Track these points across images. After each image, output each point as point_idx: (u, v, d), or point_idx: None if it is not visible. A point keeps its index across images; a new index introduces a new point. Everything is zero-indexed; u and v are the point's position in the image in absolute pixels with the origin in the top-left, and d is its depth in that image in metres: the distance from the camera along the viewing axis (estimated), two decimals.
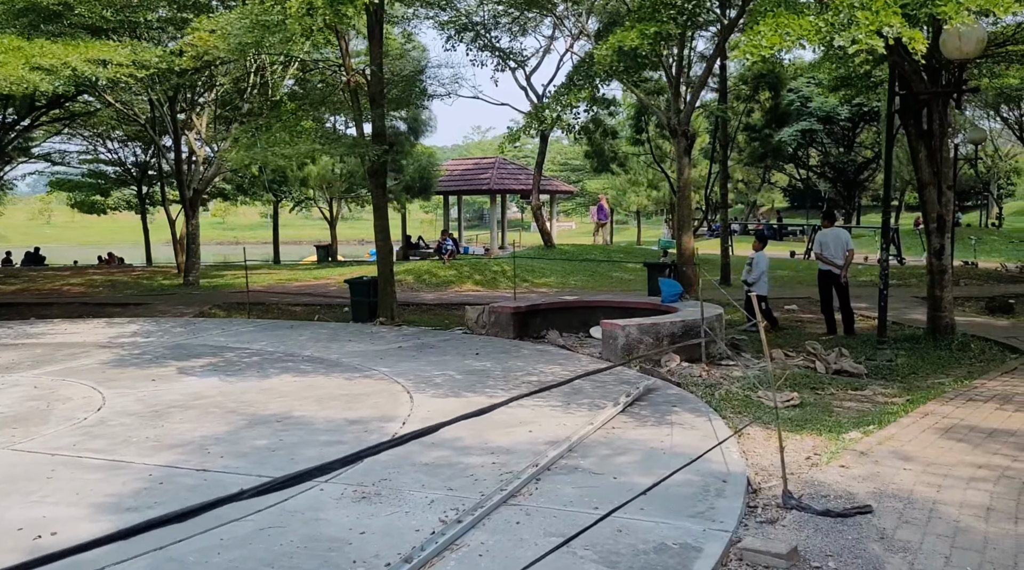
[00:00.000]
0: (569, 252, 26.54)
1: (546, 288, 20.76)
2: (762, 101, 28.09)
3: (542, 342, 10.33)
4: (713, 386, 7.87)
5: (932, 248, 11.24)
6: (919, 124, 11.12)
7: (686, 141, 16.81)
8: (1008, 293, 17.97)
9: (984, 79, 22.24)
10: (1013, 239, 31.35)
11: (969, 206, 50.71)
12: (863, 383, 8.67)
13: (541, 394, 7.19)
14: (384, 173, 14.48)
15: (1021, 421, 6.38)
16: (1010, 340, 11.15)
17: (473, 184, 33.54)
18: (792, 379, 8.49)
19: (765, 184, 43.43)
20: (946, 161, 11.01)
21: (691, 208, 17.22)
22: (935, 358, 10.24)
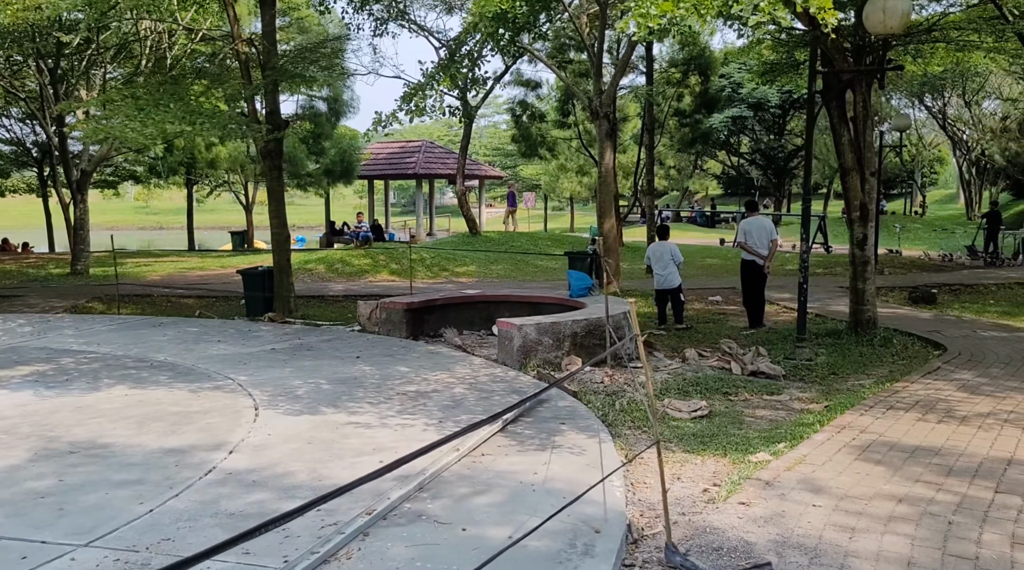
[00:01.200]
0: (495, 239, 25.60)
1: (466, 277, 19.79)
2: (692, 86, 27.58)
3: (438, 341, 9.38)
4: (616, 394, 7.03)
5: (854, 238, 10.66)
6: (842, 107, 10.48)
7: (608, 124, 16.01)
8: (931, 283, 17.77)
9: (908, 59, 22.05)
10: (936, 227, 31.71)
11: (894, 194, 51.65)
12: (780, 386, 7.97)
13: (412, 410, 6.23)
14: (279, 155, 13.26)
15: (944, 436, 5.70)
16: (932, 335, 10.67)
17: (399, 168, 32.27)
18: (704, 383, 7.73)
19: (697, 171, 43.27)
20: (869, 146, 10.41)
21: (613, 194, 16.44)
22: (857, 355, 9.65)
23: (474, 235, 25.76)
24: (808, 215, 9.26)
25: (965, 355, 9.16)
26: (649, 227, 20.90)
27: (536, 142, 27.90)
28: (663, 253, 12.28)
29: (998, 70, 28.50)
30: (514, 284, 18.30)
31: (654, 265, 12.28)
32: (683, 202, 48.66)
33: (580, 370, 7.25)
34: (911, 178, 46.26)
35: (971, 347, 9.70)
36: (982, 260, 22.40)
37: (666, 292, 12.27)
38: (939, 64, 23.45)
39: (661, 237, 12.79)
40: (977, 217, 32.12)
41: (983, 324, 11.84)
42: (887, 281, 18.12)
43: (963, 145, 37.93)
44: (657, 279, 12.25)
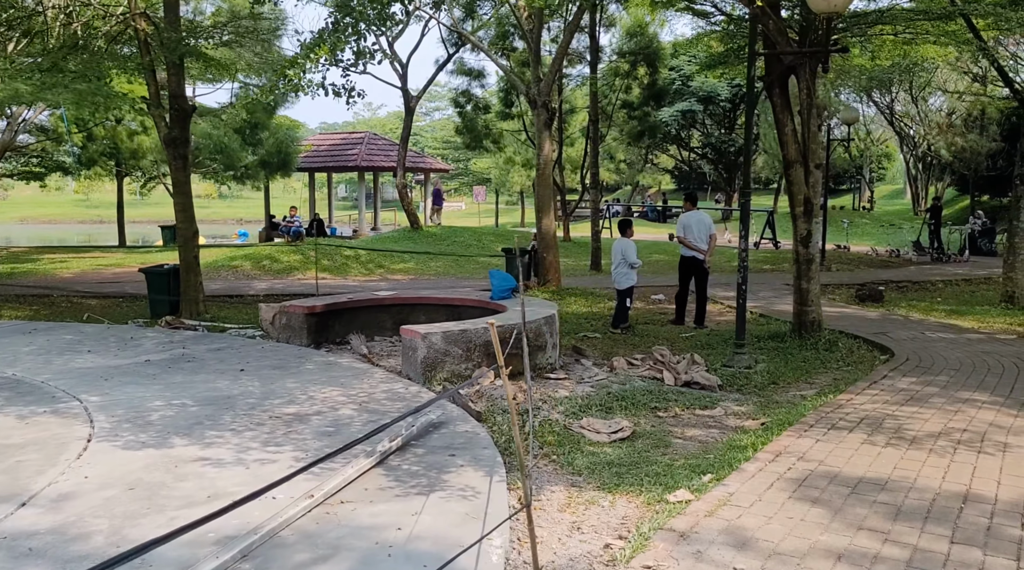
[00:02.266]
0: (437, 235, 24.64)
1: (402, 275, 18.82)
2: (640, 77, 26.91)
3: (344, 349, 8.43)
4: (526, 413, 6.17)
5: (798, 234, 10.00)
6: (785, 94, 9.80)
7: (547, 113, 15.19)
8: (878, 280, 17.35)
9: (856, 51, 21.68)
10: (883, 223, 31.64)
11: (843, 190, 51.93)
12: (715, 398, 7.23)
13: (282, 439, 5.30)
14: (184, 143, 12.12)
15: (891, 462, 4.98)
16: (879, 337, 10.07)
17: (340, 160, 31.07)
18: (631, 397, 6.93)
19: (648, 165, 42.78)
20: (814, 137, 9.74)
21: (551, 187, 15.63)
22: (800, 361, 8.97)
23: (416, 230, 24.78)
24: (747, 210, 8.54)
25: (913, 360, 8.54)
26: (594, 223, 20.14)
27: (481, 134, 26.96)
28: (615, 251, 11.57)
29: (944, 64, 28.43)
30: (452, 281, 17.40)
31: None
32: (634, 197, 48.20)
33: (467, 386, 6.39)
34: (859, 173, 46.46)
35: (919, 351, 9.10)
36: (929, 256, 22.18)
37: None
38: (887, 57, 23.18)
39: (621, 232, 11.99)
40: (923, 212, 32.15)
41: (930, 324, 11.31)
42: (834, 278, 17.66)
43: (910, 140, 38.06)
44: (632, 276, 11.43)
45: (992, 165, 26.81)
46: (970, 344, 9.61)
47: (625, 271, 11.66)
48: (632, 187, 44.44)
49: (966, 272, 18.92)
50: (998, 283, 17.33)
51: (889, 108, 38.03)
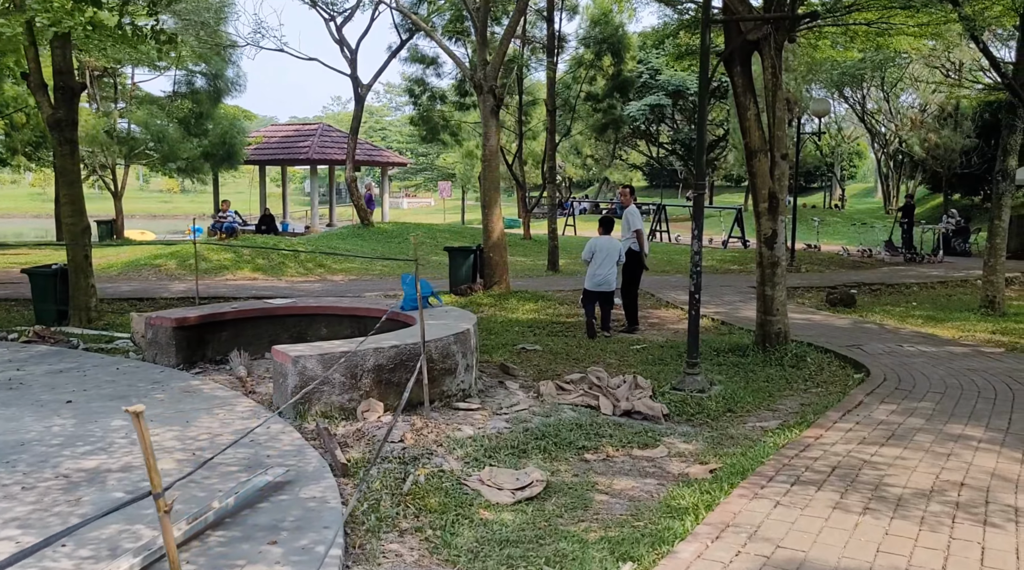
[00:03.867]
0: (388, 232, 23.22)
1: (344, 275, 17.42)
2: (605, 68, 25.72)
3: (219, 370, 7.06)
4: (412, 462, 4.86)
5: (762, 234, 8.79)
6: (747, 72, 8.58)
7: (493, 100, 13.88)
8: (850, 282, 16.29)
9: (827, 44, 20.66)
10: (855, 221, 30.76)
11: (814, 188, 51.28)
12: (659, 432, 5.98)
13: (40, 516, 3.93)
14: (72, 126, 10.64)
15: (872, 541, 3.76)
16: (852, 350, 8.91)
17: (291, 153, 29.52)
18: (555, 434, 5.66)
19: (616, 161, 41.68)
20: (780, 123, 8.54)
21: (499, 180, 14.32)
22: (762, 380, 7.77)
23: (366, 227, 23.35)
24: (700, 205, 7.31)
25: (891, 381, 7.37)
26: (551, 219, 18.88)
27: (438, 126, 25.59)
28: (612, 249, 10.47)
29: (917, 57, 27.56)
30: (394, 283, 16.03)
31: (596, 261, 10.37)
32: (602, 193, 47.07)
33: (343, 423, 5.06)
34: (831, 171, 45.76)
35: (897, 368, 7.94)
36: (902, 256, 21.23)
37: (599, 295, 10.49)
38: (860, 48, 22.20)
39: (605, 230, 10.80)
40: (894, 211, 31.35)
41: (907, 335, 10.19)
42: (804, 280, 16.57)
43: (881, 138, 37.33)
44: (595, 279, 10.43)
45: (966, 162, 25.98)
46: (953, 359, 8.47)
47: (615, 270, 10.51)
48: (600, 183, 43.29)
49: (941, 274, 17.95)
50: (975, 286, 16.36)
51: (860, 105, 37.27)
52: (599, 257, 10.36)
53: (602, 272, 10.36)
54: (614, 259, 10.39)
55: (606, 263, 10.34)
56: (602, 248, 10.37)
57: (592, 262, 10.39)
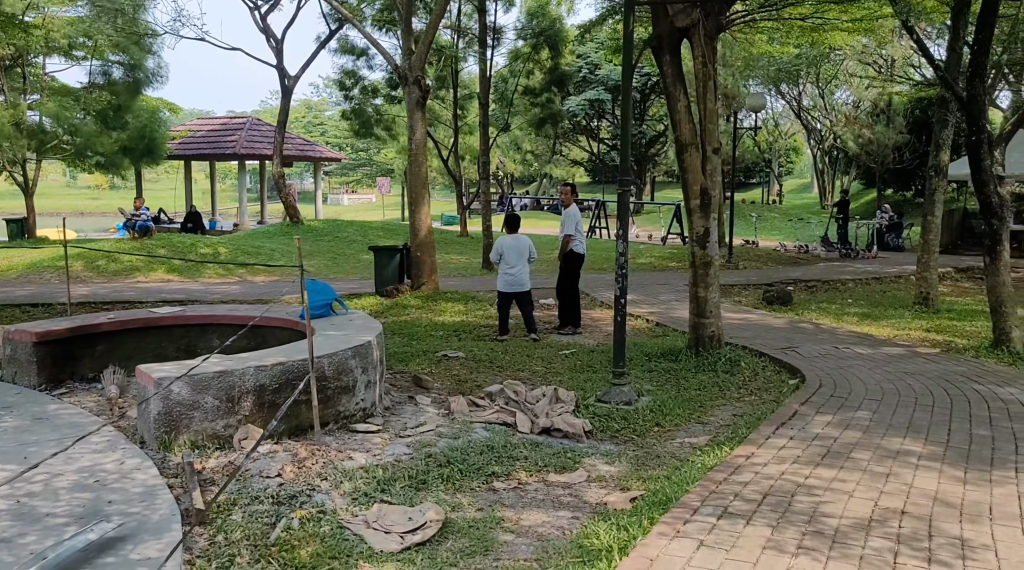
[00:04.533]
0: (318, 230, 22.32)
1: (266, 276, 16.52)
2: (542, 61, 25.19)
3: (90, 390, 6.27)
4: (289, 501, 4.21)
5: (694, 232, 8.35)
6: (676, 62, 8.11)
7: (419, 91, 13.21)
8: (787, 279, 16.11)
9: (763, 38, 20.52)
10: (792, 217, 30.95)
11: (753, 183, 51.83)
12: (579, 453, 5.44)
13: None
14: None
15: None
16: (788, 353, 8.54)
17: (219, 147, 28.28)
18: (462, 458, 5.06)
19: (557, 156, 41.30)
20: (711, 115, 8.10)
21: (426, 175, 13.66)
22: (694, 388, 7.32)
23: (295, 225, 22.40)
24: (625, 202, 6.79)
25: (827, 387, 6.99)
26: (485, 216, 18.28)
27: (371, 119, 24.72)
28: (522, 248, 10.03)
29: (851, 55, 27.79)
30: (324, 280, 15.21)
31: (505, 261, 9.92)
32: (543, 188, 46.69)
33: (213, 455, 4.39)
34: (768, 167, 46.23)
35: (833, 373, 7.58)
36: (837, 252, 21.28)
37: (514, 296, 10.09)
38: (795, 44, 22.16)
39: (511, 229, 10.31)
40: (830, 206, 31.66)
41: (843, 335, 9.90)
42: (741, 277, 16.33)
43: (817, 134, 37.75)
44: (505, 279, 9.99)
45: (898, 158, 26.28)
46: (890, 361, 8.16)
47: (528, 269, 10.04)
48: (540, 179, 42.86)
49: (876, 269, 17.95)
50: (909, 282, 16.35)
51: (797, 101, 37.61)
52: (509, 257, 9.92)
53: (514, 272, 9.92)
54: (525, 257, 10.01)
55: (518, 262, 9.92)
56: (510, 247, 9.92)
57: (502, 263, 9.91)
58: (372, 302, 12.85)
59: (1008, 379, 7.38)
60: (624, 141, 6.71)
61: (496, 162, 38.71)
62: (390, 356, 8.60)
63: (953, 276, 17.42)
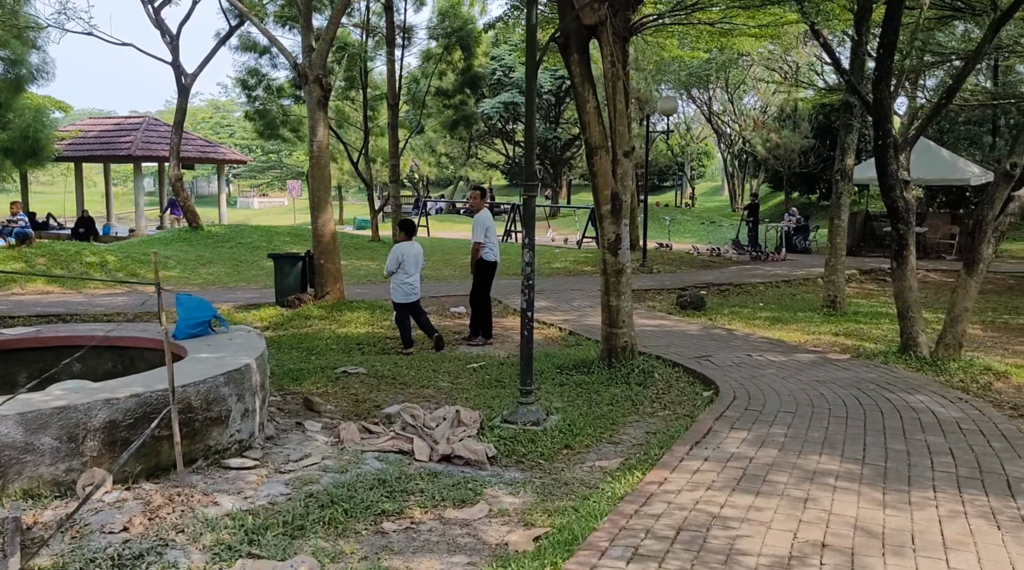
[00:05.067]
0: (220, 235, 21.17)
1: (162, 284, 15.42)
2: (455, 62, 24.74)
3: None
4: (134, 562, 3.58)
5: (605, 239, 8.02)
6: (585, 61, 7.77)
7: (320, 90, 12.52)
8: (700, 283, 16.11)
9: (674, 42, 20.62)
10: (704, 220, 31.40)
11: (666, 186, 52.67)
12: (481, 483, 4.98)
13: None
14: None
15: None
16: (702, 362, 8.32)
17: (113, 148, 26.64)
18: (348, 496, 4.52)
19: (473, 159, 40.89)
20: (621, 116, 7.78)
21: (329, 178, 12.98)
22: (607, 403, 6.97)
23: (195, 230, 21.19)
24: (531, 210, 6.39)
25: (742, 399, 6.75)
26: (395, 221, 17.64)
27: (276, 120, 23.72)
28: (419, 255, 9.62)
29: (759, 61, 28.40)
30: (216, 293, 14.32)
31: (404, 270, 9.51)
32: (460, 191, 46.19)
33: None
34: (681, 170, 47.04)
35: (747, 383, 7.37)
36: (748, 254, 21.57)
37: (411, 306, 9.64)
38: (705, 48, 22.41)
39: (408, 234, 9.78)
40: (740, 209, 32.31)
41: (756, 341, 9.78)
42: (655, 281, 16.24)
43: (727, 138, 38.56)
44: (403, 289, 9.55)
45: (804, 162, 26.97)
46: (802, 369, 8.03)
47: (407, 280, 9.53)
48: (456, 182, 42.33)
49: (785, 272, 18.20)
50: (816, 284, 16.61)
51: (707, 105, 38.35)
52: (408, 265, 9.44)
53: (412, 281, 9.50)
54: (421, 265, 9.60)
55: (416, 270, 9.51)
56: (409, 255, 9.46)
57: (400, 272, 9.42)
58: (272, 313, 12.08)
59: (917, 385, 7.33)
60: (528, 143, 6.30)
61: (410, 165, 37.99)
62: (283, 374, 7.96)
63: (858, 278, 17.82)
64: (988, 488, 4.61)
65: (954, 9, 16.53)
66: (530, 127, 6.28)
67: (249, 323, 11.47)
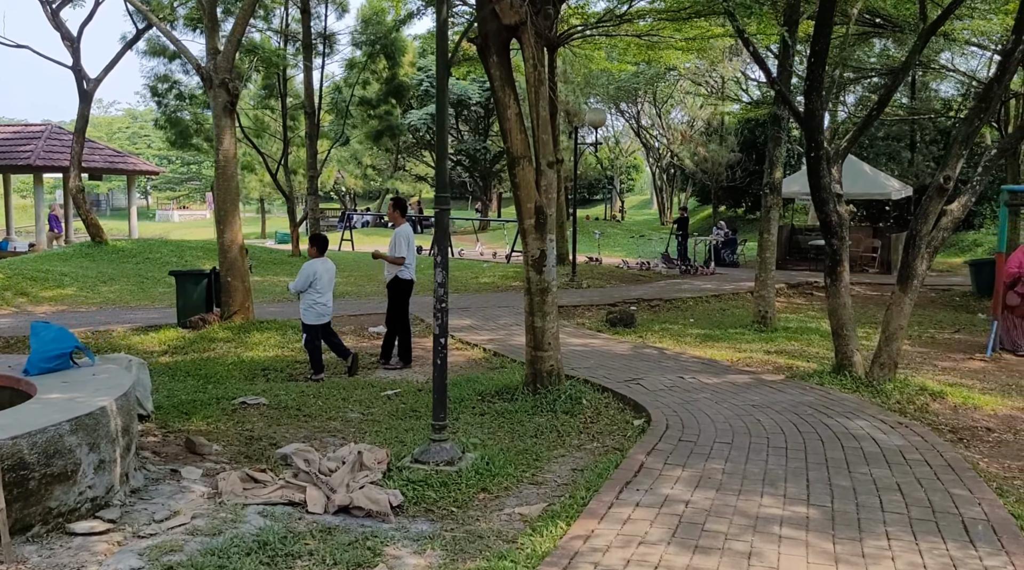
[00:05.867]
0: (126, 250, 19.82)
1: (51, 305, 14.18)
2: (379, 71, 24.00)
3: None
4: None
5: (529, 255, 7.45)
6: (505, 63, 7.21)
7: (227, 95, 11.65)
8: (630, 298, 15.73)
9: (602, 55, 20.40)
10: (633, 233, 31.34)
11: (596, 199, 52.80)
12: (381, 539, 4.30)
13: None
14: None
15: None
16: (632, 386, 7.82)
17: (10, 158, 24.82)
18: (220, 563, 3.78)
19: (400, 171, 40.04)
20: (544, 124, 7.25)
21: (236, 189, 12.09)
22: (530, 435, 6.37)
23: (98, 245, 19.80)
24: (444, 225, 5.77)
25: (675, 428, 6.25)
26: (294, 238, 16.73)
27: (188, 129, 22.49)
28: (333, 272, 8.94)
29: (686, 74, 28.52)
30: (111, 314, 13.18)
31: (316, 289, 8.75)
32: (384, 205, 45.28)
33: None
34: (611, 184, 47.17)
35: (680, 408, 6.89)
36: (677, 268, 21.42)
37: (323, 328, 8.88)
38: (632, 61, 22.28)
39: (320, 249, 9.00)
40: (670, 223, 32.39)
41: (688, 362, 9.36)
42: (584, 297, 15.80)
43: (655, 152, 38.77)
44: (316, 309, 8.79)
45: (731, 176, 27.13)
46: (736, 392, 7.61)
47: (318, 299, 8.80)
48: (383, 194, 41.35)
49: (714, 286, 18.03)
50: (746, 299, 16.46)
51: (636, 119, 38.50)
52: (322, 284, 8.72)
53: (325, 300, 8.77)
54: (334, 283, 8.91)
55: (329, 289, 8.81)
56: (323, 272, 8.74)
57: (311, 290, 8.68)
58: (172, 336, 11.11)
59: (854, 409, 6.98)
60: (440, 149, 5.68)
61: (336, 177, 36.88)
62: (171, 408, 7.10)
63: (786, 292, 17.77)
64: (944, 532, 4.18)
65: (876, 25, 16.74)
66: (442, 129, 5.66)
67: (143, 348, 10.49)
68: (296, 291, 8.83)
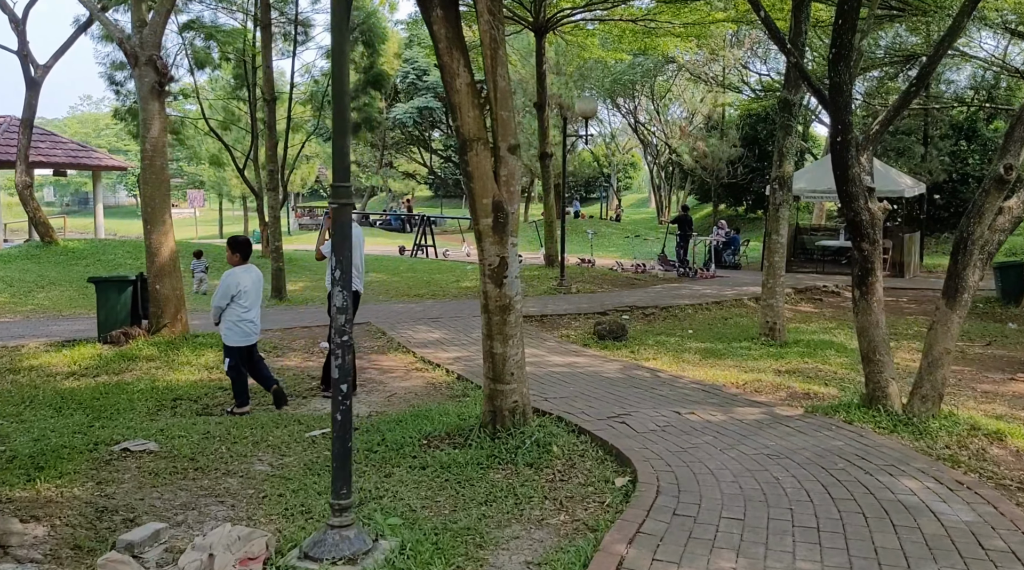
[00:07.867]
0: (77, 251, 18.29)
1: (12, 314, 12.64)
2: (357, 60, 22.47)
3: None
4: None
5: (486, 264, 5.91)
6: (452, 18, 5.67)
7: (155, 75, 10.12)
8: (622, 305, 14.19)
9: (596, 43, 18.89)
10: (629, 233, 29.80)
11: (593, 198, 51.29)
12: None
13: None
14: None
15: None
16: (616, 423, 6.30)
17: None
18: None
19: (388, 168, 38.48)
20: (505, 97, 5.72)
21: (166, 183, 10.56)
22: (480, 501, 4.85)
23: (47, 245, 18.27)
24: (346, 223, 4.23)
25: (668, 494, 4.73)
26: (274, 235, 15.22)
27: None
28: (259, 282, 7.53)
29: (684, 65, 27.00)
30: (46, 321, 11.67)
31: (239, 303, 7.33)
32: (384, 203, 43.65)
33: None
34: (608, 182, 45.65)
35: (675, 461, 5.38)
36: (675, 271, 19.89)
37: (250, 350, 7.53)
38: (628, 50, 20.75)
39: (243, 256, 7.46)
40: (667, 222, 30.86)
41: (686, 387, 7.85)
42: (573, 304, 14.25)
43: (653, 148, 37.26)
44: (241, 328, 7.39)
45: (732, 172, 25.60)
46: (746, 434, 6.08)
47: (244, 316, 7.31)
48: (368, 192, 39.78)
49: (715, 292, 16.51)
50: (749, 307, 14.95)
51: (633, 115, 36.99)
52: (246, 296, 7.20)
53: (252, 316, 7.26)
54: (261, 295, 7.41)
55: (256, 304, 7.31)
56: (247, 283, 7.23)
57: (235, 305, 7.16)
58: (88, 354, 9.58)
59: (898, 459, 5.45)
60: (339, 126, 4.16)
61: (318, 172, 35.32)
62: (26, 458, 5.55)
63: (793, 298, 16.26)
64: None
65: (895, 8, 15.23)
66: (340, 99, 4.15)
67: (48, 369, 8.95)
68: (217, 307, 7.29)
